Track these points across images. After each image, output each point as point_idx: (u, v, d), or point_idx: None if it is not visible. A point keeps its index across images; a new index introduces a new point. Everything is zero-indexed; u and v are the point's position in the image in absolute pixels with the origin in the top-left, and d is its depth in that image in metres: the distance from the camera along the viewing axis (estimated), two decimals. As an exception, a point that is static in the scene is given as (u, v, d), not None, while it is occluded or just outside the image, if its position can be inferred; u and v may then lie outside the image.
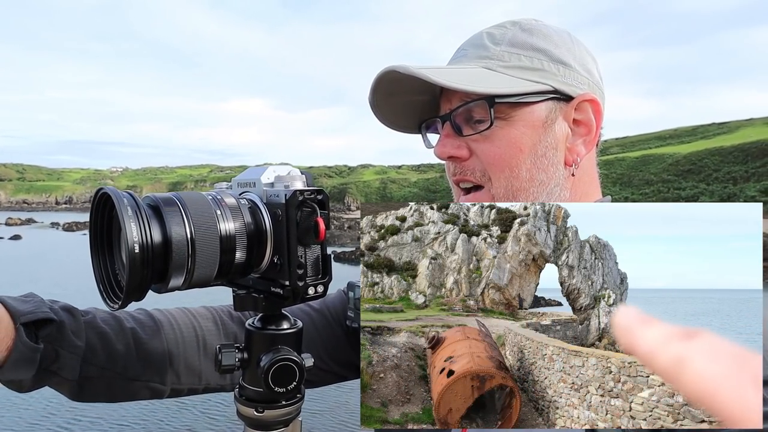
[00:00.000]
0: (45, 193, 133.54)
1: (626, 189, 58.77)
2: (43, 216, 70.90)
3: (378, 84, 0.78)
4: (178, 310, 0.89)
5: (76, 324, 0.74)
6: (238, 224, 0.60)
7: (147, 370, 0.81)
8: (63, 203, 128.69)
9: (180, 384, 0.85)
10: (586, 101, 0.77)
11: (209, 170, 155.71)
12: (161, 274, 0.55)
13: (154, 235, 0.53)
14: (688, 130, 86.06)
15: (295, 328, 0.67)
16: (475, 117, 0.76)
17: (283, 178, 0.62)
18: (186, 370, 0.85)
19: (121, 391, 0.80)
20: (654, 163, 64.83)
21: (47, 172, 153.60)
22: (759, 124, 74.23)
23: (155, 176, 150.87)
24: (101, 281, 0.59)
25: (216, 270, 0.58)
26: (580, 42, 0.81)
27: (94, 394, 0.78)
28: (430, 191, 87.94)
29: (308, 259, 0.61)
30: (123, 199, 0.53)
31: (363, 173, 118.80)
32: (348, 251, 25.13)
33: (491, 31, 0.80)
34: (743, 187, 50.63)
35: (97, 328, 0.77)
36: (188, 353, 0.85)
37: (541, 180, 0.76)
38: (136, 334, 0.81)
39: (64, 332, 0.72)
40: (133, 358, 0.79)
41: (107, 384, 0.78)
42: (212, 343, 0.88)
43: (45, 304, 0.72)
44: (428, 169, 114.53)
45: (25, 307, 0.68)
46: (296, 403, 0.66)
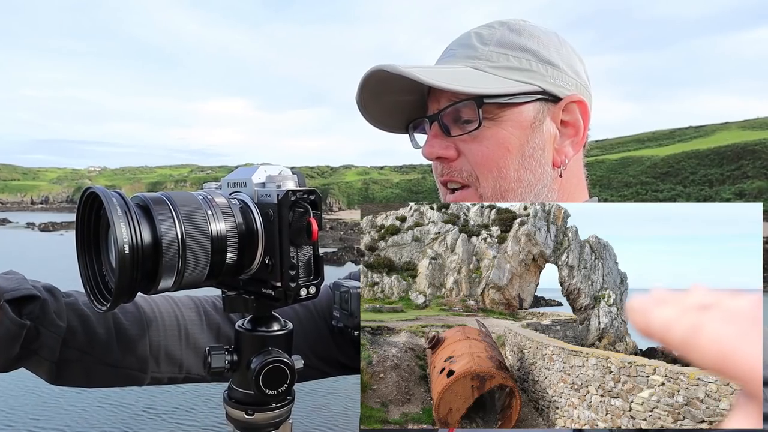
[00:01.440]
0: (20, 192, 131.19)
1: (605, 191, 59.16)
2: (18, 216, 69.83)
3: (366, 83, 0.77)
4: (161, 297, 0.88)
5: (58, 304, 0.73)
6: (229, 224, 0.59)
7: (126, 357, 0.80)
8: (39, 203, 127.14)
9: (160, 372, 0.84)
10: (574, 102, 0.77)
11: (189, 170, 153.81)
12: (151, 275, 0.54)
13: (144, 236, 0.52)
14: (666, 134, 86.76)
15: (286, 330, 0.66)
16: (463, 117, 0.75)
17: (275, 177, 0.61)
18: (166, 359, 0.84)
19: (99, 377, 0.79)
20: (633, 166, 65.37)
21: (22, 171, 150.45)
22: (734, 128, 74.98)
23: (134, 176, 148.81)
24: (88, 283, 0.58)
25: (207, 271, 0.57)
26: (567, 43, 0.81)
27: (71, 377, 0.77)
28: (412, 192, 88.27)
29: (300, 260, 0.61)
30: (112, 199, 0.52)
31: (345, 174, 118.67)
32: (330, 252, 25.02)
33: (480, 31, 0.79)
34: (719, 189, 51.15)
35: (79, 311, 0.76)
36: (169, 342, 0.84)
37: (529, 181, 0.75)
38: (117, 319, 0.80)
39: (47, 311, 0.71)
40: (114, 343, 0.78)
41: (85, 368, 0.77)
42: (194, 332, 0.87)
43: (27, 282, 0.71)
44: (410, 170, 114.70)
45: (8, 284, 0.68)
46: (287, 406, 0.66)
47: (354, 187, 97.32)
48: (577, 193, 0.82)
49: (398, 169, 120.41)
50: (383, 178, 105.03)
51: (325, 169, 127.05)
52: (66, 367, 0.75)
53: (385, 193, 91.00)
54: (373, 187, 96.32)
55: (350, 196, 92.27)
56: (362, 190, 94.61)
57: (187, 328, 0.86)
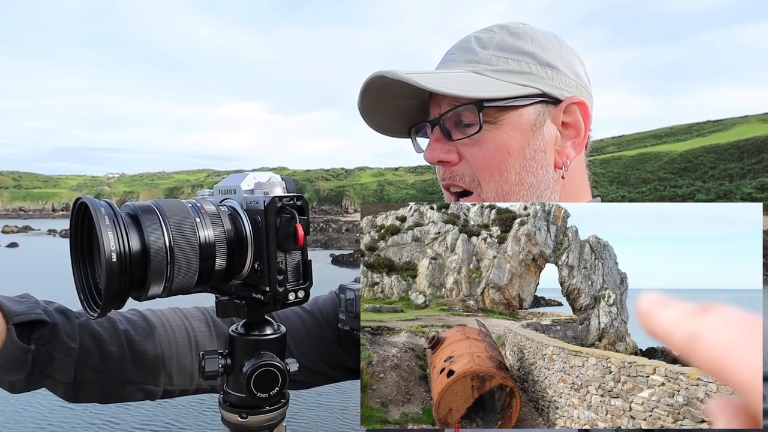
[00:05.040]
0: (42, 200, 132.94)
1: (623, 188, 58.85)
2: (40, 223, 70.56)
3: (367, 89, 0.78)
4: (170, 311, 0.89)
5: (70, 326, 0.74)
6: (218, 231, 0.60)
7: (140, 372, 0.81)
8: (60, 210, 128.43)
9: (172, 385, 0.85)
10: (575, 104, 0.77)
11: (206, 175, 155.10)
12: (140, 282, 0.55)
13: (132, 244, 0.53)
14: (684, 128, 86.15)
15: (278, 334, 0.67)
16: (464, 121, 0.76)
17: (263, 184, 0.62)
18: (178, 371, 0.85)
19: (114, 393, 0.80)
20: (650, 162, 64.87)
21: (44, 179, 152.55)
22: (754, 121, 74.28)
23: (152, 182, 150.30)
24: (81, 290, 0.59)
25: (196, 277, 0.58)
26: (567, 45, 0.81)
27: (88, 396, 0.78)
28: (427, 193, 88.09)
29: (288, 265, 0.61)
30: (101, 209, 0.52)
31: (360, 176, 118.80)
32: (346, 254, 25.08)
33: (479, 35, 0.80)
34: (739, 184, 50.69)
35: (91, 330, 0.77)
36: (180, 355, 0.85)
37: (531, 183, 0.76)
38: (129, 336, 0.81)
39: (58, 334, 0.72)
40: (127, 360, 0.80)
41: (101, 386, 0.78)
42: (204, 344, 0.88)
43: (39, 306, 0.72)
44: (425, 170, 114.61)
45: (18, 307, 0.68)
46: (280, 409, 0.66)
47: (369, 188, 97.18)
48: (579, 195, 0.82)
49: (413, 170, 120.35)
50: (398, 179, 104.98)
51: (340, 171, 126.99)
52: (82, 387, 0.76)
53: (400, 194, 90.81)
54: (388, 188, 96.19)
55: (365, 197, 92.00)
56: (377, 192, 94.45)
57: (197, 339, 0.88)
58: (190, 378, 0.87)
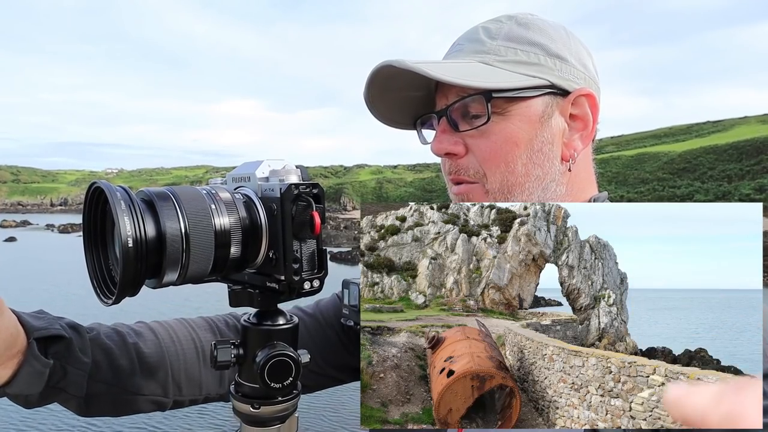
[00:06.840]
0: (40, 195, 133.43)
1: (621, 188, 58.82)
2: (38, 218, 70.92)
3: (373, 79, 0.77)
4: (176, 322, 0.90)
5: (83, 341, 0.75)
6: (233, 219, 0.59)
7: (150, 384, 0.82)
8: (58, 205, 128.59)
9: (182, 396, 0.85)
10: (583, 96, 0.77)
11: (205, 171, 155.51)
12: (155, 269, 0.54)
13: (148, 230, 0.53)
14: (683, 129, 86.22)
15: (291, 324, 0.67)
16: (471, 112, 0.75)
17: (278, 172, 0.61)
18: (187, 381, 0.85)
19: (125, 406, 0.81)
20: (649, 162, 64.94)
21: (42, 174, 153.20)
22: (753, 123, 74.37)
23: (150, 177, 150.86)
24: (95, 276, 0.58)
25: (211, 265, 0.57)
26: (575, 36, 0.80)
27: (100, 409, 0.79)
28: (426, 191, 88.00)
29: (304, 254, 0.61)
30: (116, 193, 0.52)
31: (359, 173, 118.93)
32: (344, 251, 25.07)
33: (487, 25, 0.79)
34: (738, 185, 50.74)
35: (102, 345, 0.78)
36: (189, 365, 0.86)
37: (537, 175, 0.75)
38: (138, 348, 0.81)
39: (72, 349, 0.72)
40: (137, 372, 0.80)
41: (113, 399, 0.79)
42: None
43: (56, 322, 0.72)
44: (424, 168, 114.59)
45: (38, 323, 0.69)
46: (292, 399, 0.66)
47: (368, 186, 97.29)
48: (586, 187, 0.81)
49: (411, 167, 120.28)
50: (397, 177, 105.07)
51: (339, 169, 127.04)
52: (94, 401, 0.77)
53: (398, 192, 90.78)
54: (387, 186, 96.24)
55: (364, 195, 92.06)
56: (376, 189, 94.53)
57: (204, 349, 0.88)
58: (199, 387, 0.87)
